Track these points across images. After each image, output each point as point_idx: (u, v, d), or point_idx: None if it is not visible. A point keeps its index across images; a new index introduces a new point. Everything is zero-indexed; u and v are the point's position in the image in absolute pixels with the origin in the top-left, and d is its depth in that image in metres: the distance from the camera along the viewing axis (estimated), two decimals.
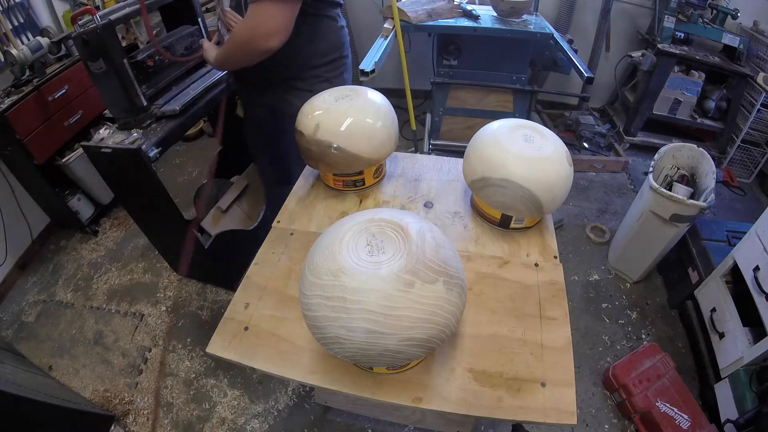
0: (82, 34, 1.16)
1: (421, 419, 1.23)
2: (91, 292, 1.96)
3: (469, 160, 0.85)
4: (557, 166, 0.78)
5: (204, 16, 1.59)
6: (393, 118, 0.95)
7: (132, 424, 1.48)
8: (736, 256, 1.40)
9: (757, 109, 2.21)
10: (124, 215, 2.33)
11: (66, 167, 2.00)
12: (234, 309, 0.76)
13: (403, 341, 0.53)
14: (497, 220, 0.88)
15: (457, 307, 0.57)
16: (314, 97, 0.94)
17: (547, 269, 0.81)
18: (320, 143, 0.87)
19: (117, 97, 1.29)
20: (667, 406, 1.33)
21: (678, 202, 1.47)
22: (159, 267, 2.04)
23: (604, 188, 2.39)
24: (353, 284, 0.52)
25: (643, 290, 1.84)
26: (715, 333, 1.43)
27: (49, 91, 1.84)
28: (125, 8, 1.27)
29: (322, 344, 0.58)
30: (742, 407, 1.24)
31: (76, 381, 1.62)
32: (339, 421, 1.44)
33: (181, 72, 1.51)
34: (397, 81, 2.25)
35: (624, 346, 1.63)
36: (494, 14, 2.06)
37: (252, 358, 0.69)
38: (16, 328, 1.84)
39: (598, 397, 1.49)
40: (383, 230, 0.58)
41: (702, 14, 2.29)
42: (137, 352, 1.70)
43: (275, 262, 0.84)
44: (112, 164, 1.33)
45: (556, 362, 0.67)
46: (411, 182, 1.03)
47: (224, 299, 1.88)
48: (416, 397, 0.64)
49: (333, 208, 0.97)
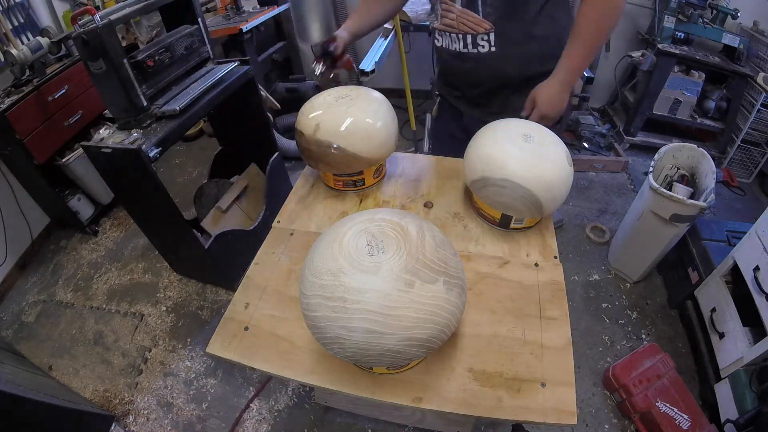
0: (82, 34, 1.16)
1: (421, 419, 1.23)
2: (91, 292, 1.96)
3: (469, 160, 0.85)
4: (557, 166, 0.78)
5: (204, 16, 1.59)
6: (393, 118, 0.95)
7: (132, 424, 1.48)
8: (736, 256, 1.40)
9: (757, 109, 2.20)
10: (124, 215, 2.33)
11: (66, 167, 2.00)
12: (234, 309, 0.76)
13: (403, 341, 0.53)
14: (497, 220, 0.88)
15: (457, 307, 0.57)
16: (314, 97, 0.94)
17: (547, 269, 0.81)
18: (320, 143, 0.87)
19: (117, 97, 1.29)
20: (667, 406, 1.33)
21: (678, 202, 1.47)
22: (159, 267, 2.03)
23: (604, 188, 2.39)
24: (353, 284, 0.52)
25: (643, 290, 1.84)
26: (715, 333, 1.43)
27: (49, 91, 1.84)
28: (125, 8, 1.27)
29: (322, 344, 0.58)
30: (742, 407, 1.24)
31: (76, 381, 1.62)
32: (339, 421, 1.44)
33: (181, 72, 1.51)
34: (397, 81, 2.25)
35: (624, 346, 1.63)
36: None
37: (252, 358, 0.69)
38: (16, 328, 1.84)
39: (598, 397, 1.49)
40: (383, 230, 0.58)
41: (702, 14, 2.29)
42: (137, 352, 1.70)
43: (275, 262, 0.84)
44: (112, 164, 1.33)
45: (556, 362, 0.67)
46: (411, 182, 1.03)
47: (224, 299, 1.88)
48: (416, 397, 0.64)
49: (333, 208, 0.97)
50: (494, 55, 0.99)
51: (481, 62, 1.02)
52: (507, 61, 1.00)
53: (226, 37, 2.25)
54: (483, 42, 0.98)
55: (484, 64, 1.02)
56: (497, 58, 1.00)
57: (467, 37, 0.99)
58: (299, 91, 2.68)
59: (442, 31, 1.05)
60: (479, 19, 0.95)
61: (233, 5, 2.42)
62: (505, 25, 0.95)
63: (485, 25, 0.95)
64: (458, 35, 1.01)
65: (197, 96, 1.45)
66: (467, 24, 0.97)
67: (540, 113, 0.98)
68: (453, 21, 0.99)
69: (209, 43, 1.62)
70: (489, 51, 0.99)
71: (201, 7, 1.61)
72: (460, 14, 0.97)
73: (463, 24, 0.98)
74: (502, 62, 1.00)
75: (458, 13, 0.97)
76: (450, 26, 1.01)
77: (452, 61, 1.07)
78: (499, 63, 1.01)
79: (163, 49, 1.39)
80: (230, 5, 2.42)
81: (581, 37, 0.91)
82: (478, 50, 1.00)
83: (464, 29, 0.98)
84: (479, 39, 0.98)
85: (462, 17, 0.97)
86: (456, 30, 1.00)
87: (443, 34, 1.05)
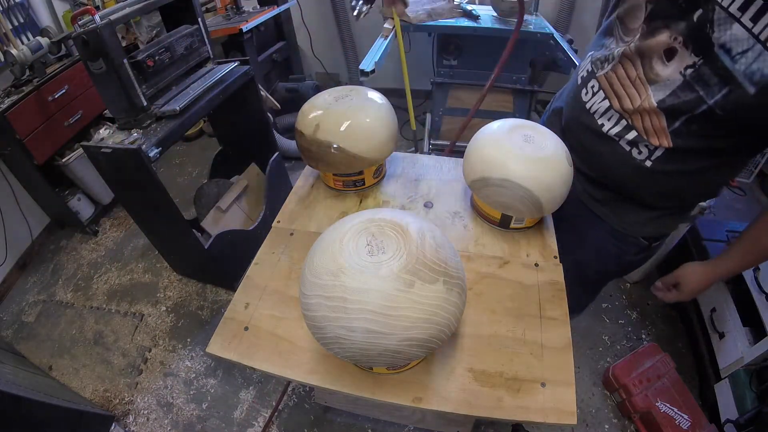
0: (82, 34, 1.16)
1: (421, 419, 1.23)
2: (91, 292, 1.96)
3: (469, 160, 0.85)
4: (557, 166, 0.78)
5: (204, 16, 1.59)
6: (393, 118, 0.94)
7: (132, 424, 1.48)
8: None
9: None
10: (124, 215, 2.33)
11: (66, 167, 2.00)
12: (234, 309, 0.76)
13: (403, 341, 0.53)
14: (497, 220, 0.88)
15: (457, 307, 0.57)
16: (314, 97, 0.94)
17: (547, 269, 0.81)
18: (320, 143, 0.87)
19: (117, 97, 1.29)
20: (667, 406, 1.33)
21: None
22: (159, 267, 2.03)
23: None
24: (353, 284, 0.52)
25: (643, 290, 1.84)
26: (715, 333, 1.43)
27: (49, 91, 1.84)
28: (125, 8, 1.27)
29: (322, 344, 0.58)
30: (742, 407, 1.24)
31: (76, 381, 1.62)
32: (339, 421, 1.44)
33: (181, 72, 1.51)
34: (397, 81, 2.24)
35: (624, 346, 1.63)
36: (494, 14, 2.06)
37: (252, 358, 0.69)
38: (16, 328, 1.84)
39: (598, 397, 1.49)
40: (383, 230, 0.58)
41: None
42: (137, 352, 1.70)
43: (275, 262, 0.84)
44: (112, 164, 1.33)
45: (556, 362, 0.67)
46: (411, 182, 1.03)
47: (224, 299, 1.88)
48: (416, 397, 0.64)
49: (333, 208, 0.97)
50: (641, 169, 0.78)
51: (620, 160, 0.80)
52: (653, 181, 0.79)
53: (226, 37, 2.25)
54: (643, 149, 0.76)
55: (621, 165, 0.80)
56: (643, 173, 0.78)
57: (631, 131, 0.76)
58: (299, 91, 2.68)
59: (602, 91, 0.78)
60: (664, 131, 0.72)
61: (233, 5, 2.42)
62: (680, 155, 0.73)
63: (665, 142, 0.72)
64: (622, 118, 0.76)
65: (197, 96, 1.45)
66: (645, 124, 0.73)
67: (681, 298, 0.90)
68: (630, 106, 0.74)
69: (209, 43, 1.62)
70: (642, 162, 0.77)
71: (201, 7, 1.61)
72: (647, 110, 0.71)
73: (639, 118, 0.73)
74: (645, 179, 0.79)
75: (645, 107, 0.71)
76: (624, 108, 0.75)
77: (586, 121, 0.83)
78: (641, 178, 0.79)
79: (163, 49, 1.39)
80: (230, 5, 2.42)
81: (756, 244, 0.79)
82: (630, 151, 0.78)
83: (637, 125, 0.74)
84: (641, 145, 0.76)
85: (646, 113, 0.72)
86: (628, 115, 0.75)
87: (601, 94, 0.79)
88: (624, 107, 0.74)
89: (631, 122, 0.75)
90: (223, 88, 1.55)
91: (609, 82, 0.76)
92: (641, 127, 0.73)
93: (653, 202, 0.85)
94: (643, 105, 0.71)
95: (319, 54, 3.14)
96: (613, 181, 0.85)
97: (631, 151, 0.77)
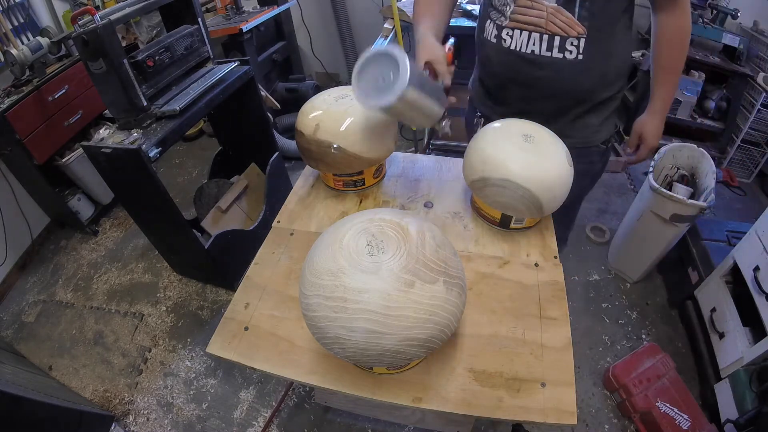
0: (82, 34, 1.16)
1: (421, 419, 1.23)
2: (91, 292, 1.96)
3: (469, 160, 0.85)
4: (557, 166, 0.78)
5: (204, 16, 1.59)
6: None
7: (132, 424, 1.48)
8: (736, 256, 1.40)
9: (757, 109, 2.20)
10: (124, 215, 2.33)
11: (66, 167, 2.00)
12: (234, 309, 0.76)
13: (403, 341, 0.53)
14: (497, 220, 0.88)
15: (457, 307, 0.57)
16: (314, 97, 0.94)
17: (547, 269, 0.81)
18: (320, 143, 0.87)
19: (117, 97, 1.29)
20: (667, 406, 1.33)
21: (678, 202, 1.47)
22: (159, 267, 2.03)
23: (604, 188, 2.39)
24: (353, 284, 0.52)
25: (643, 290, 1.84)
26: (715, 333, 1.43)
27: (49, 91, 1.84)
28: (125, 8, 1.27)
29: (322, 344, 0.58)
30: (742, 407, 1.24)
31: (76, 381, 1.62)
32: (339, 421, 1.44)
33: (181, 72, 1.51)
34: None
35: (624, 346, 1.63)
36: None
37: (252, 358, 0.69)
38: (16, 328, 1.84)
39: (598, 397, 1.49)
40: (383, 230, 0.58)
41: (702, 14, 2.29)
42: (137, 352, 1.70)
43: (275, 262, 0.84)
44: (112, 164, 1.33)
45: (556, 362, 0.67)
46: (411, 182, 1.03)
47: (224, 299, 1.88)
48: (416, 397, 0.64)
49: (333, 208, 0.97)
50: (577, 65, 0.89)
51: (559, 71, 0.90)
52: (588, 73, 0.90)
53: (226, 37, 2.25)
54: (571, 47, 0.87)
55: (562, 74, 0.90)
56: (579, 69, 0.89)
57: (554, 39, 0.87)
58: (299, 91, 2.68)
59: (517, 29, 0.89)
60: (573, 21, 0.84)
61: (233, 5, 2.42)
62: (595, 34, 0.86)
63: (579, 29, 0.85)
64: (543, 35, 0.87)
65: (197, 96, 1.45)
66: (557, 24, 0.85)
67: (649, 147, 0.99)
68: (541, 19, 0.86)
69: (209, 43, 1.62)
70: (575, 58, 0.88)
71: (201, 7, 1.61)
72: (553, 12, 0.84)
73: (552, 23, 0.85)
74: (583, 74, 0.90)
75: (550, 10, 0.84)
76: (537, 24, 0.87)
77: (520, 66, 0.93)
78: (579, 74, 0.90)
79: (163, 49, 1.39)
80: (230, 5, 2.42)
81: (671, 65, 0.90)
82: (564, 55, 0.88)
83: (553, 29, 0.86)
84: (568, 43, 0.86)
85: (554, 16, 0.85)
86: (543, 29, 0.86)
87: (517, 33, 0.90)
88: (538, 24, 0.87)
89: (550, 31, 0.87)
90: (223, 88, 1.55)
91: (518, 18, 0.89)
92: (558, 29, 0.86)
93: (594, 98, 0.96)
94: (549, 11, 0.85)
95: (319, 54, 3.14)
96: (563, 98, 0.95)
97: (564, 56, 0.88)
